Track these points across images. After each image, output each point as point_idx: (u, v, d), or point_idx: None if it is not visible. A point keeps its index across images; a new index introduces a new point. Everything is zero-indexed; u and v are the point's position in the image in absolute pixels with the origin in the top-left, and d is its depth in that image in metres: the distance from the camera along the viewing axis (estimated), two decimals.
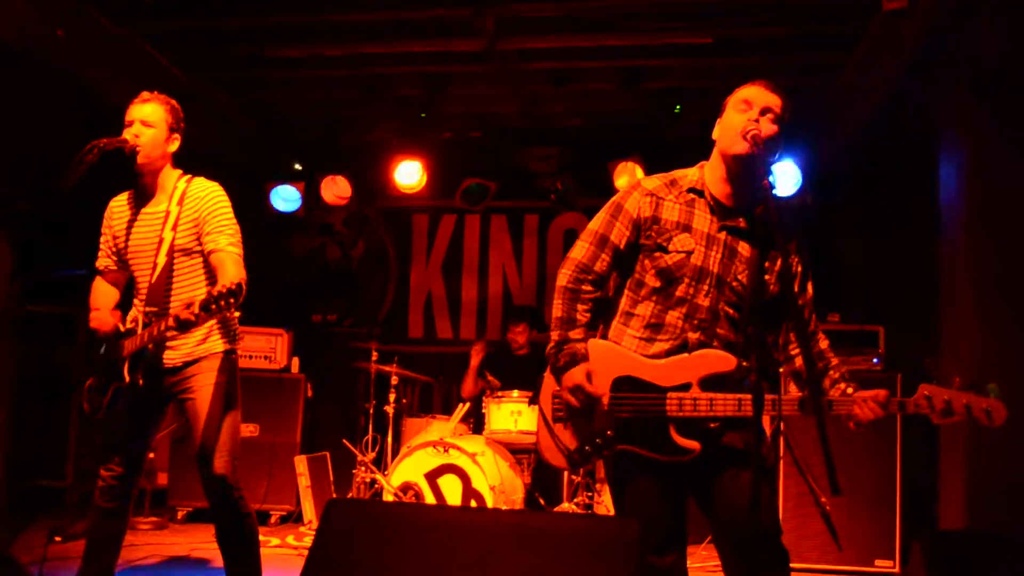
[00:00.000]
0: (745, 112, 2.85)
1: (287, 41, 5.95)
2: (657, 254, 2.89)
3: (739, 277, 2.86)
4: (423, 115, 7.10)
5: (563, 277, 2.97)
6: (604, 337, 3.00)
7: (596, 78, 6.42)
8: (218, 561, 3.74)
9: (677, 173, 3.00)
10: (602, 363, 2.89)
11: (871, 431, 5.49)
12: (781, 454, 5.40)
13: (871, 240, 6.83)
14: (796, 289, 2.94)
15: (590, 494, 5.83)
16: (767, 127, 2.81)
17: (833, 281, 6.93)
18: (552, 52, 6.00)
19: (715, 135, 2.96)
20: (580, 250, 2.97)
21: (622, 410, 2.84)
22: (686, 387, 2.79)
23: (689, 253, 2.87)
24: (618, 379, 2.86)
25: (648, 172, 6.96)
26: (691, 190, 2.94)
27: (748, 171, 2.84)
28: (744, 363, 2.80)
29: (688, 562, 5.12)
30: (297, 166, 7.60)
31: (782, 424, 5.25)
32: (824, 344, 2.93)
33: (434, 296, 8.04)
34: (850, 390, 2.82)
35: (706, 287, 2.87)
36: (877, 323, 5.65)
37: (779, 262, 2.82)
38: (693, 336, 2.86)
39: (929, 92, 4.87)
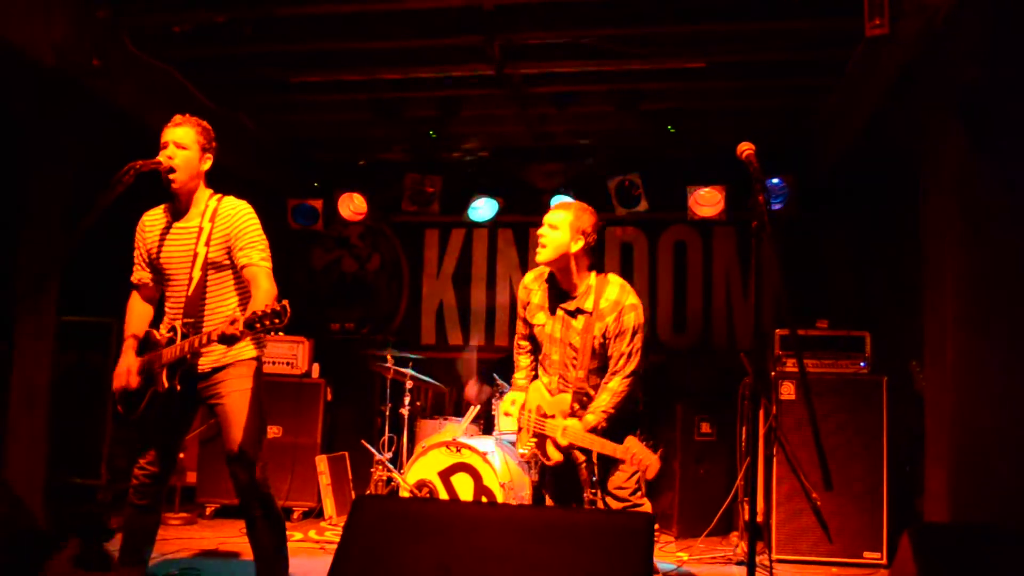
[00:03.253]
0: (540, 228, 3.91)
1: (308, 68, 5.97)
2: (529, 326, 4.10)
3: (572, 339, 3.91)
4: (433, 135, 7.12)
5: (515, 341, 4.28)
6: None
7: (597, 100, 6.44)
8: (245, 554, 3.75)
9: (543, 268, 4.03)
10: (534, 395, 4.10)
11: (858, 430, 5.50)
12: (775, 451, 5.40)
13: (858, 251, 6.84)
14: (605, 345, 3.89)
15: (595, 491, 5.82)
16: (545, 240, 3.87)
17: (822, 289, 6.94)
18: (555, 76, 6.02)
19: None
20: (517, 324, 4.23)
21: (533, 429, 4.05)
22: (553, 417, 3.97)
23: (543, 325, 4.01)
24: (539, 406, 4.05)
25: (648, 187, 7.09)
26: (547, 279, 4.02)
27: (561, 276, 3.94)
28: (575, 405, 3.93)
29: (686, 555, 5.24)
30: (316, 184, 7.62)
31: (773, 422, 5.31)
32: (606, 383, 3.90)
33: (445, 305, 8.05)
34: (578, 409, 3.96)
35: (555, 347, 3.98)
36: (864, 329, 5.66)
37: (598, 328, 3.85)
38: (553, 378, 4.02)
39: (911, 112, 4.89)
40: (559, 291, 3.96)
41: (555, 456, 3.96)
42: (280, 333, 3.69)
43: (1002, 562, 1.94)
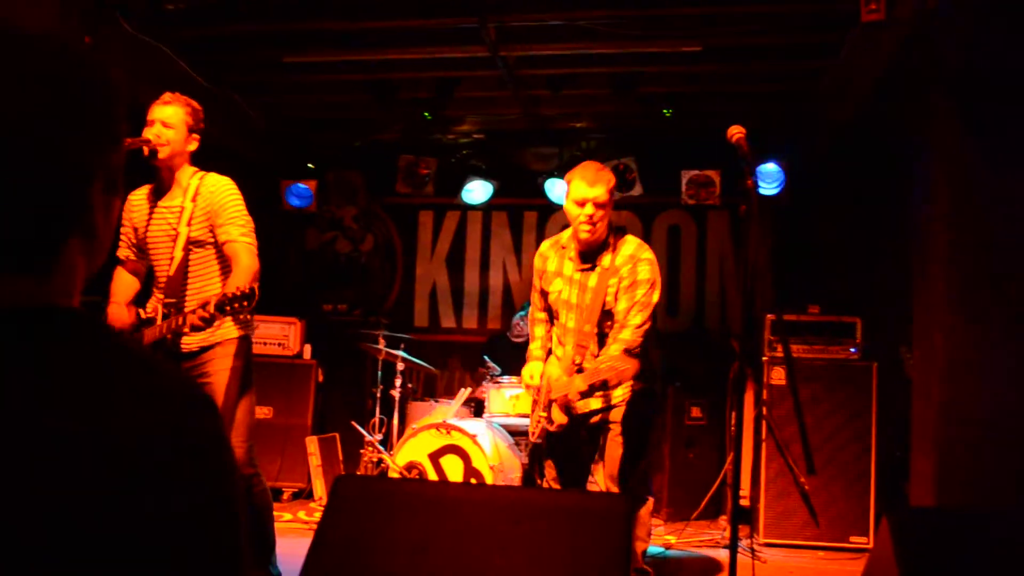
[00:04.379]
0: (581, 208, 3.70)
1: (302, 47, 5.94)
2: (545, 293, 4.01)
3: (586, 300, 3.80)
4: (427, 116, 7.08)
5: (530, 313, 4.20)
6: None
7: (592, 83, 6.41)
8: None
9: (562, 235, 4.01)
10: (551, 369, 3.96)
11: (848, 415, 5.49)
12: (764, 437, 5.41)
13: (849, 237, 6.82)
14: (616, 300, 3.79)
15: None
16: (596, 218, 3.72)
17: (814, 275, 6.93)
18: (551, 59, 6.00)
19: (567, 206, 3.81)
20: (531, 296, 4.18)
21: (547, 399, 3.86)
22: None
23: (559, 291, 3.90)
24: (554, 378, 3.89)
25: (643, 170, 7.08)
26: (564, 248, 3.95)
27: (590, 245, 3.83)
28: (576, 358, 3.81)
29: (674, 538, 5.26)
30: (310, 165, 7.60)
31: (764, 409, 5.32)
32: (615, 334, 3.75)
33: (438, 288, 8.05)
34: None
35: (572, 313, 3.85)
36: (855, 315, 5.66)
37: (613, 283, 3.77)
38: (569, 348, 3.85)
39: (904, 97, 4.87)
40: (583, 255, 3.88)
41: (558, 418, 3.78)
42: (249, 313, 3.66)
43: (981, 546, 1.95)
